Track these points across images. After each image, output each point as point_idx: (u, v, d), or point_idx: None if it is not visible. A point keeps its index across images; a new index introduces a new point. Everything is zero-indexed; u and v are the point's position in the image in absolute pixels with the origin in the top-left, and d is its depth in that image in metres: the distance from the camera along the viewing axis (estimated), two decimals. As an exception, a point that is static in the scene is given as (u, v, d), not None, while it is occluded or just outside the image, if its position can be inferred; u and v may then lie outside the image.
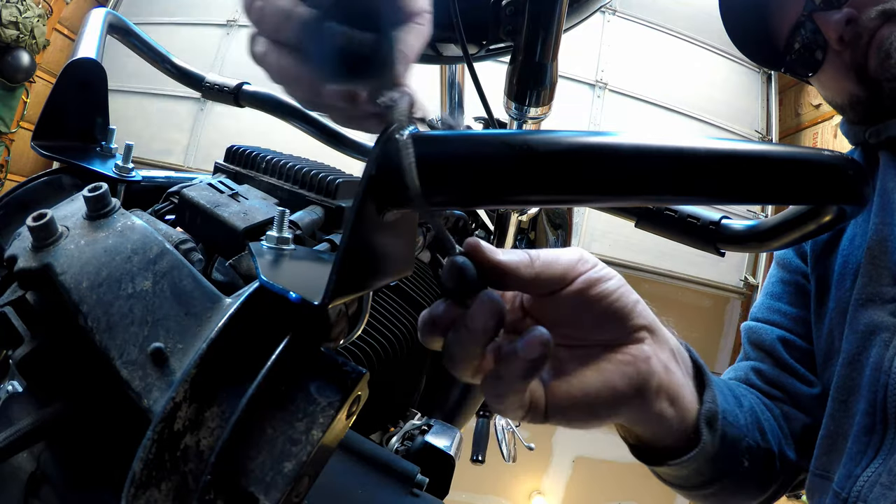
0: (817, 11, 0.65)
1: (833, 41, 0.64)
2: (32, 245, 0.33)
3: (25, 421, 0.31)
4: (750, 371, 0.67)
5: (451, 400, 0.84)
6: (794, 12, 0.67)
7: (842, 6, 0.63)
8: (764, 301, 0.73)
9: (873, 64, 0.62)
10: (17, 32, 3.06)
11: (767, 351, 0.68)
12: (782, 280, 0.73)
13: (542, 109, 0.54)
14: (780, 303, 0.71)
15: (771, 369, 0.66)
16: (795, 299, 0.70)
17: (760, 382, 0.66)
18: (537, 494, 3.91)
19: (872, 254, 0.59)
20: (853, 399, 0.57)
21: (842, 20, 0.62)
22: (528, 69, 0.51)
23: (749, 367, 0.68)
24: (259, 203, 0.44)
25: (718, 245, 0.50)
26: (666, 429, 0.41)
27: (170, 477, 0.25)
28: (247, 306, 0.28)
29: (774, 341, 0.68)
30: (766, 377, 0.66)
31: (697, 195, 0.28)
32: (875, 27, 0.61)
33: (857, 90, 0.65)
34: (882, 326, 0.56)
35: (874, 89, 0.63)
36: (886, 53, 0.60)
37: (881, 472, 0.51)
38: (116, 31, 0.71)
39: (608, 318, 0.36)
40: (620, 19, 3.65)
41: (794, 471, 0.61)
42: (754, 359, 0.69)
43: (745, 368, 0.68)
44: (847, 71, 0.65)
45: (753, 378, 0.66)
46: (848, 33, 0.63)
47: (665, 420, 0.40)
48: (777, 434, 0.60)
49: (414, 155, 0.26)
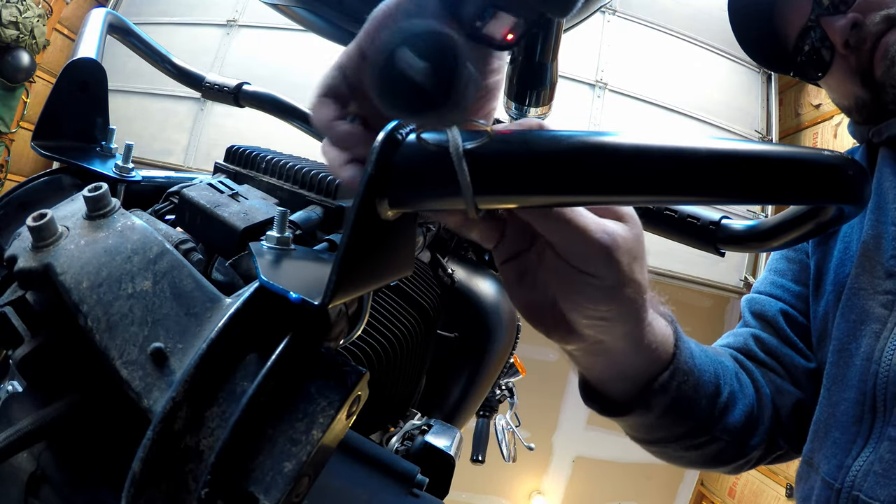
0: (824, 16, 0.66)
1: (839, 45, 0.65)
2: (32, 245, 0.33)
3: (25, 421, 0.31)
4: (749, 338, 0.68)
5: (451, 400, 0.84)
6: (802, 17, 0.68)
7: (847, 11, 0.64)
8: (767, 276, 0.74)
9: (878, 70, 0.63)
10: (17, 32, 3.06)
11: (769, 321, 0.69)
12: (787, 258, 0.73)
13: (542, 109, 0.54)
14: (783, 279, 0.72)
15: (770, 339, 0.67)
16: (799, 277, 0.71)
17: (758, 350, 0.66)
18: (537, 494, 3.91)
19: (867, 247, 0.60)
20: (839, 388, 0.58)
21: (847, 25, 0.63)
22: (528, 69, 0.51)
23: (749, 334, 0.68)
24: (259, 203, 0.44)
25: (718, 245, 0.50)
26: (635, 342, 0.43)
27: (170, 477, 0.25)
28: (247, 306, 0.28)
29: (776, 313, 0.69)
30: (765, 345, 0.67)
31: (697, 195, 0.28)
32: (880, 32, 0.62)
33: (862, 93, 0.66)
34: (873, 317, 0.57)
35: (878, 93, 0.64)
36: (892, 60, 0.61)
37: (873, 461, 0.52)
38: (116, 31, 0.71)
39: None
40: (620, 19, 3.65)
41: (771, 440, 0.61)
42: (754, 327, 0.70)
43: (744, 335, 0.69)
44: (853, 75, 0.66)
45: (752, 345, 0.67)
46: (853, 38, 0.64)
47: (639, 318, 0.41)
48: (751, 394, 0.60)
49: (463, 150, 0.26)
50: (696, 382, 0.51)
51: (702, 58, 3.63)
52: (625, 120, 3.46)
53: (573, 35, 0.60)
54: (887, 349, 0.54)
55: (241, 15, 3.60)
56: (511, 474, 3.81)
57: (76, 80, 0.51)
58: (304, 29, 0.79)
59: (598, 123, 3.43)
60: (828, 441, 0.58)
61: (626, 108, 3.53)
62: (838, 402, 0.58)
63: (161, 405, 0.25)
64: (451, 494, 0.57)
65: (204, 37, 3.60)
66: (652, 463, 3.56)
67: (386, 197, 0.28)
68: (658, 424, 0.52)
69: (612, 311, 0.38)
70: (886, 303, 0.56)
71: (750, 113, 3.61)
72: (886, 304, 0.56)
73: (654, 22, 3.66)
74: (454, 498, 3.45)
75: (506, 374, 1.17)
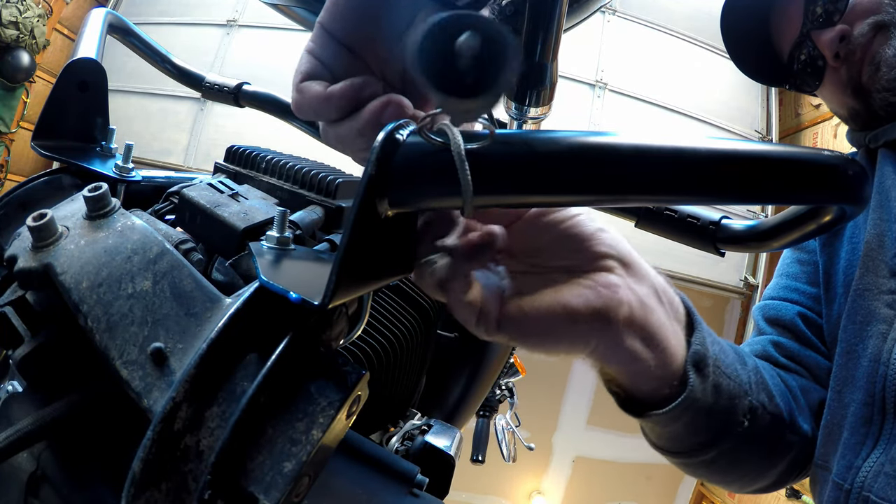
0: (814, 30, 0.67)
1: (829, 58, 0.66)
2: (32, 245, 0.33)
3: (25, 421, 0.31)
4: (768, 344, 0.65)
5: (451, 400, 0.84)
6: (794, 31, 0.70)
7: (836, 23, 0.65)
8: (780, 281, 0.73)
9: (865, 76, 0.64)
10: (17, 32, 3.06)
11: (786, 326, 0.67)
12: (799, 260, 0.73)
13: (542, 109, 0.54)
14: (797, 282, 0.71)
15: (791, 343, 0.65)
16: (813, 279, 0.70)
17: (779, 356, 0.64)
18: (537, 494, 3.91)
19: (870, 247, 0.60)
20: (847, 390, 0.58)
21: (836, 37, 0.65)
22: (528, 69, 0.51)
23: (767, 341, 0.66)
24: (259, 203, 0.44)
25: (718, 245, 0.50)
26: (643, 371, 0.38)
27: (170, 477, 0.25)
28: (247, 306, 0.28)
29: (794, 316, 0.67)
30: (785, 350, 0.64)
31: (697, 195, 0.28)
32: (867, 41, 0.63)
33: (854, 103, 0.67)
34: (878, 318, 0.56)
35: (867, 100, 0.65)
36: (877, 66, 0.62)
37: (884, 462, 0.52)
38: (116, 31, 0.71)
39: (564, 244, 0.36)
40: (620, 19, 3.65)
41: (809, 446, 0.59)
42: (771, 334, 0.68)
43: (762, 342, 0.66)
44: (844, 86, 0.67)
45: (772, 351, 0.65)
46: (843, 49, 0.65)
47: (640, 361, 0.37)
48: (789, 402, 0.56)
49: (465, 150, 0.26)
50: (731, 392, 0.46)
51: (702, 58, 3.63)
52: (625, 120, 3.46)
53: (573, 35, 0.60)
54: (895, 350, 0.53)
55: (241, 15, 3.60)
56: (511, 474, 3.81)
57: (76, 80, 0.51)
58: (304, 29, 0.79)
59: (598, 123, 3.43)
60: (838, 442, 0.57)
61: (626, 108, 3.53)
62: (847, 404, 0.57)
63: (161, 405, 0.25)
64: (451, 494, 0.57)
65: (204, 37, 3.60)
66: (652, 463, 3.56)
67: (386, 197, 0.28)
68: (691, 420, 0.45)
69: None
70: (892, 302, 0.56)
71: (750, 113, 3.62)
72: (892, 303, 0.56)
73: (653, 22, 3.66)
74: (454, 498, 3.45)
75: (506, 374, 1.17)
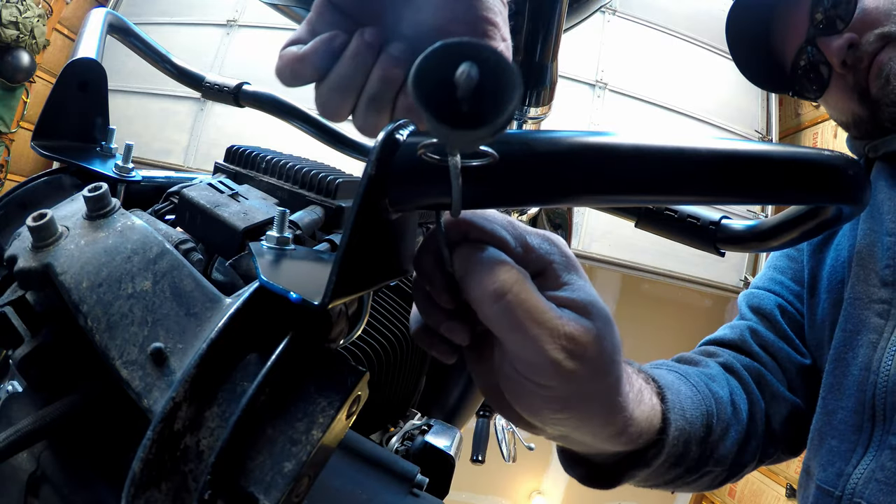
0: (820, 37, 0.67)
1: (836, 65, 0.66)
2: (32, 245, 0.33)
3: (25, 421, 0.31)
4: (746, 330, 0.69)
5: (451, 400, 0.84)
6: (799, 37, 0.70)
7: (843, 31, 0.65)
8: (767, 273, 0.76)
9: (874, 88, 0.64)
10: (17, 32, 3.06)
11: (766, 315, 0.70)
12: (788, 256, 0.75)
13: (543, 109, 0.54)
14: (783, 276, 0.73)
15: (767, 333, 0.68)
16: (798, 277, 0.72)
17: (754, 343, 0.67)
18: (537, 494, 3.91)
19: (861, 257, 0.60)
20: (833, 397, 0.59)
21: (843, 45, 0.64)
22: (528, 69, 0.51)
23: (745, 327, 0.69)
24: (259, 203, 0.44)
25: (718, 245, 0.50)
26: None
27: (170, 477, 0.25)
28: (247, 306, 0.28)
29: (774, 307, 0.70)
30: (760, 338, 0.67)
31: (697, 195, 0.28)
32: (875, 51, 0.63)
33: (860, 110, 0.67)
34: (869, 327, 0.57)
35: (874, 110, 0.65)
36: (886, 79, 0.62)
37: (874, 469, 0.52)
38: (116, 31, 0.71)
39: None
40: (620, 19, 3.65)
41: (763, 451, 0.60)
42: (751, 321, 0.71)
43: (741, 327, 0.69)
44: (850, 93, 0.67)
45: (748, 337, 0.68)
46: (850, 57, 0.65)
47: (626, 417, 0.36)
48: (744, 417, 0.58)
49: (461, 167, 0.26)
50: (688, 438, 0.48)
51: (702, 58, 3.63)
52: (625, 120, 3.46)
53: (573, 35, 0.60)
54: (885, 359, 0.54)
55: (241, 15, 3.60)
56: (511, 474, 3.81)
57: (76, 80, 0.51)
58: (304, 29, 0.79)
59: (597, 123, 3.44)
60: (823, 449, 0.58)
61: (625, 108, 3.53)
62: (834, 411, 0.58)
63: (161, 405, 0.25)
64: (451, 494, 0.57)
65: (204, 37, 3.60)
66: (652, 463, 3.56)
67: (386, 196, 0.28)
68: (645, 478, 0.48)
69: (571, 419, 0.33)
70: (882, 312, 0.57)
71: (750, 113, 3.62)
72: (882, 313, 0.57)
73: (653, 22, 3.67)
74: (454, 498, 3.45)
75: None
